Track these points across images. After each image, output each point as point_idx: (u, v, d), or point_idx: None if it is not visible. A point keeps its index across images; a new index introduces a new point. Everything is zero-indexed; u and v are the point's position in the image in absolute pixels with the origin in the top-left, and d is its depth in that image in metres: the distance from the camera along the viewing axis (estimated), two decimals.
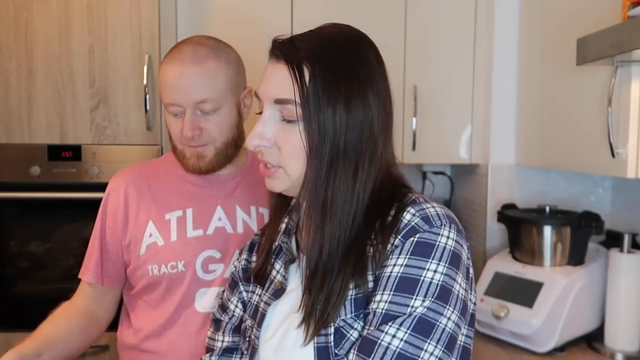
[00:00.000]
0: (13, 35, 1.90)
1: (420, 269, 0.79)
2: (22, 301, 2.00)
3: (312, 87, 0.81)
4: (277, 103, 0.85)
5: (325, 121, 0.82)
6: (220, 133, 1.24)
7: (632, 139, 1.40)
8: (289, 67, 0.83)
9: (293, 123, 0.83)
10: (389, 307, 0.78)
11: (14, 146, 1.93)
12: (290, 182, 0.87)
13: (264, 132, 0.86)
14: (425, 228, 0.81)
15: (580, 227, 1.76)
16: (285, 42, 0.86)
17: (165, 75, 1.22)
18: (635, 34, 1.18)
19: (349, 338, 0.82)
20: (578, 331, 1.71)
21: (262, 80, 0.88)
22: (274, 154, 0.86)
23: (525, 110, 2.04)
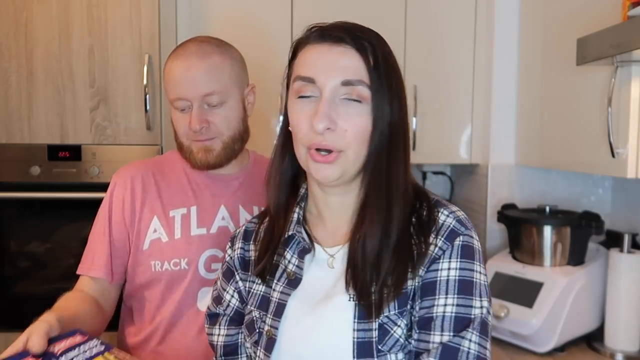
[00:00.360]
0: (13, 35, 1.90)
1: (471, 271, 0.85)
2: (22, 301, 2.00)
3: (376, 71, 0.85)
4: (345, 85, 0.84)
5: (387, 103, 0.85)
6: (228, 127, 1.26)
7: (632, 139, 1.40)
8: (358, 50, 0.84)
9: (359, 104, 0.84)
10: (457, 310, 0.82)
11: (14, 146, 1.93)
12: (346, 168, 0.87)
13: (331, 113, 0.84)
14: (462, 231, 0.87)
15: (580, 227, 1.76)
16: (343, 28, 0.87)
17: (171, 71, 1.24)
18: (635, 34, 1.18)
19: (392, 335, 0.83)
20: (578, 331, 1.71)
21: (315, 63, 0.86)
22: (339, 137, 0.85)
23: (525, 110, 2.04)
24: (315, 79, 0.85)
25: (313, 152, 0.86)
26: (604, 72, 1.48)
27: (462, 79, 2.17)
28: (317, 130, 0.83)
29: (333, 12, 2.15)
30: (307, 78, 0.86)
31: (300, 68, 0.88)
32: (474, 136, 2.19)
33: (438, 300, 0.83)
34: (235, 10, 2.10)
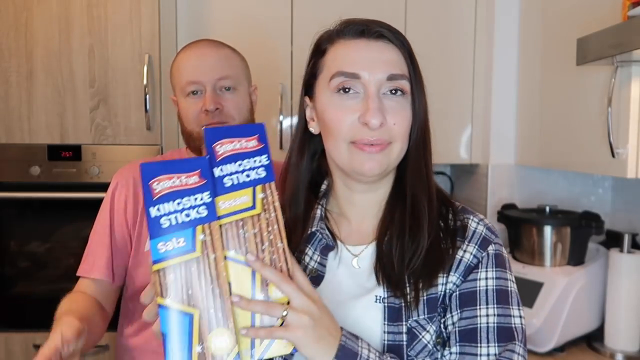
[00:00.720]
0: (13, 35, 1.90)
1: (505, 280, 0.85)
2: (22, 301, 2.00)
3: (413, 65, 0.87)
4: (391, 79, 0.84)
5: (421, 96, 0.87)
6: (239, 112, 1.29)
7: (632, 139, 1.40)
8: (396, 44, 0.86)
9: (404, 97, 0.85)
10: (499, 320, 0.82)
11: (14, 146, 1.93)
12: (391, 161, 0.86)
13: (381, 107, 0.83)
14: (493, 239, 0.87)
15: (580, 227, 1.76)
16: (375, 23, 0.87)
17: (183, 59, 1.30)
18: (635, 34, 1.18)
19: (421, 340, 0.82)
20: (578, 331, 1.71)
21: (358, 59, 0.85)
22: (388, 131, 0.84)
23: (525, 110, 2.04)
24: (360, 74, 0.84)
25: (360, 146, 0.84)
26: (604, 72, 1.48)
27: (462, 79, 2.17)
28: (372, 126, 0.82)
29: (333, 12, 2.15)
30: (351, 74, 0.84)
31: (340, 64, 0.85)
32: (474, 136, 2.19)
33: (480, 311, 0.83)
34: (235, 10, 2.10)
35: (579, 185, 2.11)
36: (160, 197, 0.71)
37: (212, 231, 0.72)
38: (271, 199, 0.75)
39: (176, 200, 0.71)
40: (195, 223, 0.71)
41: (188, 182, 0.72)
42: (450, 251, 0.85)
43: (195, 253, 0.71)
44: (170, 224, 0.70)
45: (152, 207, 0.71)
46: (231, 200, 0.74)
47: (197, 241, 0.71)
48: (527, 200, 2.08)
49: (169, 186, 0.71)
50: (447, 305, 0.85)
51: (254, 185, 0.75)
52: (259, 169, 0.75)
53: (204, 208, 0.72)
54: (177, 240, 0.70)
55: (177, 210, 0.71)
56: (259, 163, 0.75)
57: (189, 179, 0.72)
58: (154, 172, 0.72)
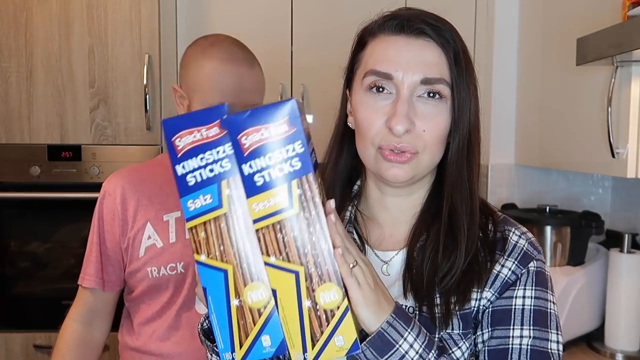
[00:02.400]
0: (13, 35, 1.90)
1: (545, 301, 0.81)
2: (22, 301, 2.00)
3: (458, 66, 0.79)
4: (425, 83, 0.77)
5: (466, 102, 0.80)
6: None
7: (632, 139, 1.40)
8: (438, 42, 0.78)
9: (440, 102, 0.78)
10: (533, 342, 0.78)
11: (14, 146, 1.93)
12: (419, 171, 0.81)
13: (409, 113, 0.77)
14: (535, 255, 0.82)
15: (580, 227, 1.76)
16: (419, 16, 0.80)
17: (218, 71, 1.20)
18: (635, 34, 1.18)
19: (450, 355, 0.78)
20: (578, 331, 1.71)
21: (394, 58, 0.79)
22: (416, 138, 0.78)
23: (525, 110, 2.04)
24: (393, 75, 0.78)
25: (386, 152, 0.79)
26: (604, 72, 1.48)
27: None
28: (396, 133, 0.77)
29: (333, 12, 2.15)
30: (384, 74, 0.78)
31: (375, 61, 0.80)
32: None
33: (513, 332, 0.78)
34: (235, 10, 2.10)
35: (579, 185, 2.11)
36: (184, 153, 0.68)
37: (237, 185, 0.68)
38: (310, 194, 0.67)
39: (199, 156, 0.68)
40: (220, 178, 0.68)
41: (209, 134, 0.67)
42: (488, 265, 0.80)
43: (222, 209, 0.68)
44: (196, 181, 0.68)
45: (177, 164, 0.68)
46: (265, 202, 0.67)
47: (224, 197, 0.68)
48: (527, 200, 2.08)
49: (190, 141, 0.68)
50: (479, 322, 0.81)
51: (289, 181, 0.67)
52: (293, 160, 0.67)
53: (227, 161, 0.68)
54: (204, 197, 0.68)
55: (201, 166, 0.68)
56: (292, 152, 0.67)
57: (209, 131, 0.67)
58: (176, 127, 0.68)
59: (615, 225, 1.97)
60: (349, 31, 0.89)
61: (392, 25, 0.80)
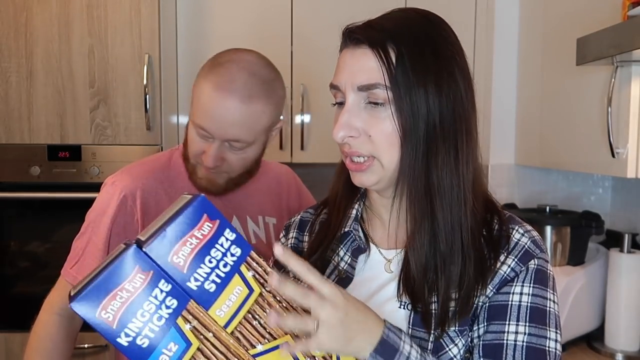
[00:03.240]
0: (13, 35, 1.90)
1: (544, 299, 0.80)
2: (22, 301, 1.99)
3: (400, 67, 0.77)
4: (362, 90, 0.79)
5: (417, 101, 0.77)
6: (242, 166, 1.18)
7: (632, 139, 1.40)
8: (373, 49, 0.78)
9: (382, 107, 0.78)
10: (529, 339, 0.77)
11: (14, 146, 1.93)
12: (383, 174, 0.81)
13: (351, 121, 0.79)
14: (537, 253, 0.82)
15: (580, 227, 1.76)
16: (364, 26, 0.81)
17: (208, 96, 1.09)
18: (635, 34, 1.18)
19: (447, 353, 0.78)
20: (578, 331, 1.71)
21: (340, 69, 0.82)
22: (364, 143, 0.80)
23: (525, 110, 2.04)
24: (339, 86, 0.81)
25: (348, 160, 0.82)
26: (604, 72, 1.48)
27: None
28: (336, 140, 0.80)
29: (333, 12, 2.15)
30: (334, 86, 0.82)
31: (334, 75, 0.84)
32: None
33: (508, 327, 0.78)
34: (235, 10, 2.10)
35: (579, 185, 2.11)
36: (118, 322, 0.60)
37: (193, 313, 0.63)
38: (261, 270, 0.66)
39: (138, 313, 0.61)
40: (173, 319, 0.62)
41: (135, 286, 0.61)
42: (492, 263, 0.80)
43: (193, 346, 0.64)
44: (149, 341, 0.61)
45: (118, 338, 0.61)
46: (226, 302, 0.64)
47: (187, 333, 0.63)
48: (527, 200, 2.08)
49: (119, 305, 0.60)
50: (476, 317, 0.81)
51: (238, 270, 0.64)
52: (231, 249, 0.64)
53: (170, 299, 0.62)
54: (168, 349, 0.62)
55: (146, 322, 0.61)
56: (227, 243, 0.64)
57: (133, 283, 0.61)
58: (91, 303, 0.59)
59: (615, 225, 1.97)
60: None
61: (344, 38, 0.83)
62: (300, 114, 2.11)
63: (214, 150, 1.11)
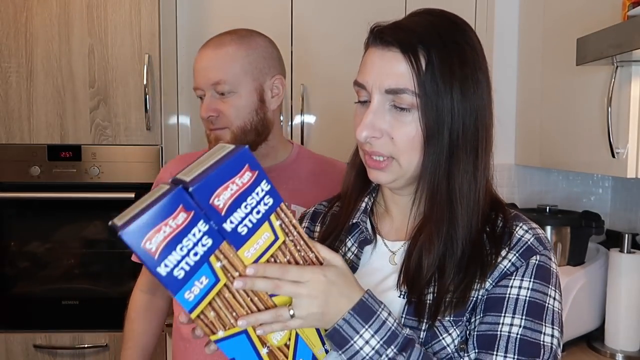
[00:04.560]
0: (13, 35, 1.90)
1: (544, 295, 0.80)
2: (22, 301, 1.99)
3: (429, 74, 0.79)
4: (390, 93, 0.80)
5: (443, 108, 0.79)
6: (237, 117, 1.24)
7: (632, 139, 1.40)
8: (405, 54, 0.79)
9: (407, 112, 0.80)
10: (524, 332, 0.78)
11: (14, 146, 1.93)
12: (400, 174, 0.83)
13: (375, 122, 0.81)
14: (540, 249, 0.82)
15: (580, 227, 1.76)
16: (394, 28, 0.82)
17: (195, 61, 1.28)
18: (635, 34, 1.18)
19: (440, 341, 0.80)
20: (578, 331, 1.71)
21: (367, 68, 0.83)
22: (386, 144, 0.81)
23: (525, 111, 2.04)
24: (366, 85, 0.82)
25: (367, 157, 0.84)
26: (604, 72, 1.48)
27: None
28: (360, 140, 0.81)
29: (333, 12, 2.15)
30: (359, 84, 0.83)
31: (359, 72, 0.85)
32: None
33: (504, 319, 0.79)
34: (235, 10, 2.10)
35: (579, 185, 2.11)
36: (160, 253, 0.65)
37: (225, 253, 0.69)
38: (287, 220, 0.73)
39: (177, 247, 0.66)
40: (206, 256, 0.68)
41: (177, 223, 0.66)
42: (493, 258, 0.81)
43: (221, 282, 0.70)
44: (185, 273, 0.67)
45: (158, 267, 0.65)
46: (254, 245, 0.71)
47: (217, 270, 0.69)
48: (527, 200, 2.08)
49: (162, 238, 0.65)
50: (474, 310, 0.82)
51: (268, 218, 0.71)
52: (265, 198, 0.71)
53: (206, 237, 0.68)
54: (200, 281, 0.68)
55: (183, 256, 0.67)
56: (262, 193, 0.70)
57: (177, 220, 0.66)
58: (139, 234, 0.64)
59: (615, 225, 1.97)
60: (349, 31, 0.89)
61: (371, 37, 0.84)
62: (300, 114, 2.11)
63: (205, 100, 1.25)
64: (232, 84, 1.23)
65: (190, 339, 1.33)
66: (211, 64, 1.24)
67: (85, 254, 1.97)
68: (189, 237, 0.67)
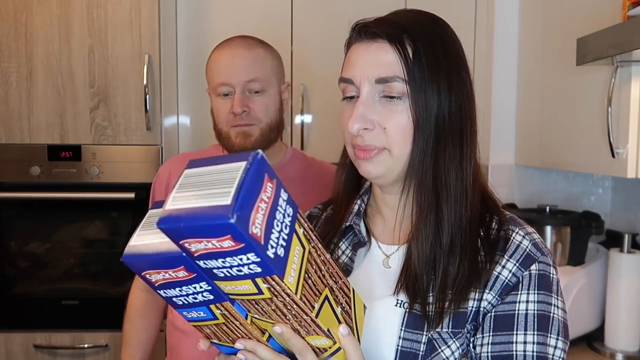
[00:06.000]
0: (13, 35, 1.90)
1: (549, 305, 0.80)
2: (22, 301, 2.00)
3: (417, 62, 0.79)
4: (380, 82, 0.80)
5: (430, 96, 0.80)
6: (266, 114, 1.31)
7: (632, 139, 1.40)
8: (392, 43, 0.80)
9: (398, 101, 0.80)
10: (539, 349, 0.78)
11: (14, 146, 1.93)
12: (391, 165, 0.82)
13: (366, 113, 0.80)
14: (538, 256, 0.81)
15: (580, 227, 1.76)
16: (377, 21, 0.83)
17: (217, 59, 1.32)
18: (635, 34, 1.18)
19: (439, 354, 0.79)
20: (578, 331, 1.71)
21: (352, 63, 0.83)
22: (378, 136, 0.81)
23: (525, 111, 2.04)
24: (353, 79, 0.82)
25: (357, 150, 0.83)
26: (604, 72, 1.48)
27: None
28: (352, 132, 0.80)
29: (333, 12, 2.16)
30: (346, 79, 0.83)
31: (343, 69, 0.85)
32: None
33: (517, 337, 0.78)
34: (235, 10, 2.10)
35: (579, 185, 2.11)
36: (159, 285, 0.63)
37: (226, 307, 0.65)
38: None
39: (176, 289, 0.63)
40: (206, 303, 0.65)
41: (178, 275, 0.61)
42: (488, 265, 0.80)
43: (219, 320, 0.67)
44: (183, 303, 0.65)
45: (159, 290, 0.64)
46: (232, 286, 0.60)
47: (216, 314, 0.66)
48: (527, 200, 2.08)
49: (162, 278, 0.62)
50: (479, 325, 0.80)
51: (252, 278, 0.58)
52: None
53: (208, 293, 0.63)
54: (197, 312, 0.66)
55: (182, 295, 0.63)
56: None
57: (177, 274, 0.61)
58: (140, 267, 0.61)
59: (615, 225, 1.97)
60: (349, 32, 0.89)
61: (355, 33, 0.84)
62: (300, 114, 2.11)
63: (238, 95, 1.28)
64: (264, 83, 1.30)
65: (185, 330, 1.35)
66: (246, 62, 1.29)
67: (85, 254, 1.97)
68: (189, 287, 0.62)
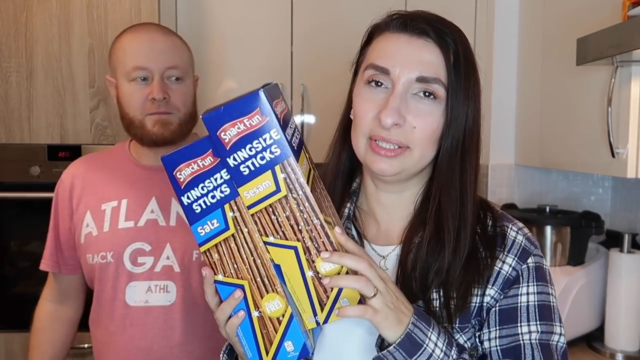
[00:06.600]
0: (13, 35, 1.90)
1: (547, 295, 0.83)
2: (22, 301, 1.99)
3: (457, 68, 0.80)
4: (420, 81, 0.79)
5: (464, 102, 0.80)
6: (184, 104, 1.27)
7: (632, 139, 1.40)
8: (439, 44, 0.79)
9: (433, 102, 0.79)
10: (541, 337, 0.80)
11: (14, 146, 1.93)
12: (408, 165, 0.81)
13: (401, 109, 0.79)
14: (532, 250, 0.84)
15: (580, 227, 1.76)
16: (423, 18, 0.81)
17: (133, 42, 1.26)
18: (635, 34, 1.18)
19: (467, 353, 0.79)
20: (578, 331, 1.71)
21: (391, 54, 0.80)
22: (406, 133, 0.79)
23: (525, 110, 2.04)
24: (390, 70, 0.80)
25: (374, 144, 0.80)
26: (604, 72, 1.48)
27: None
28: (385, 125, 0.78)
29: (333, 13, 2.15)
30: (381, 68, 0.80)
31: (376, 56, 0.82)
32: None
33: (521, 328, 0.80)
34: (235, 10, 2.10)
35: (579, 185, 2.11)
36: (186, 185, 0.73)
37: (239, 206, 0.73)
38: (294, 176, 0.71)
39: (200, 185, 0.73)
40: (222, 202, 0.73)
41: (205, 164, 0.73)
42: (489, 261, 0.81)
43: (229, 231, 0.74)
44: (201, 209, 0.74)
45: (182, 196, 0.74)
46: (254, 189, 0.72)
47: (229, 219, 0.73)
48: (527, 200, 2.08)
49: (190, 173, 0.73)
50: (484, 320, 0.82)
51: (272, 167, 0.71)
52: (272, 147, 0.71)
53: (226, 186, 0.73)
54: (212, 222, 0.74)
55: (203, 195, 0.73)
56: (270, 140, 0.70)
57: (204, 161, 0.73)
58: (174, 162, 0.73)
59: (615, 225, 1.97)
60: (349, 31, 0.89)
61: (396, 23, 0.82)
62: (301, 114, 2.11)
63: (157, 82, 1.23)
64: (182, 71, 1.26)
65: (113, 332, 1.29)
66: (166, 48, 1.25)
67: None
68: (211, 179, 0.73)
